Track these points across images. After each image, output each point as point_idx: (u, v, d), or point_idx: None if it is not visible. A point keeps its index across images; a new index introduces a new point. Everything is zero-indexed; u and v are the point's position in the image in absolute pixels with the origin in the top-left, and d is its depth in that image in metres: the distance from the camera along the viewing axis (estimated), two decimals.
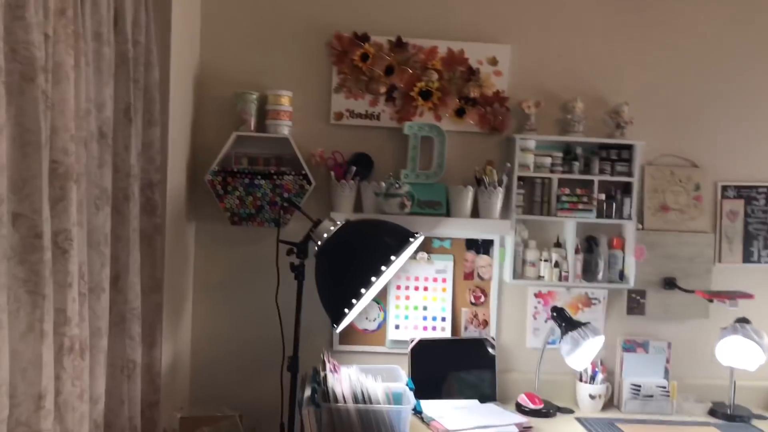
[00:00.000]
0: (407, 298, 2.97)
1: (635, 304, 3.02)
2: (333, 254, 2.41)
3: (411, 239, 2.45)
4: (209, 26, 2.88)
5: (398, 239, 2.43)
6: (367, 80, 2.92)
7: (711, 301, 2.80)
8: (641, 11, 3.02)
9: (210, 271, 2.92)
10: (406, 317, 2.96)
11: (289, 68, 2.92)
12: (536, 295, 3.02)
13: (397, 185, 2.80)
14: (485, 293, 3.00)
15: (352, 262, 2.38)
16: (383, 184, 2.82)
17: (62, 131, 1.60)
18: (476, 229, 2.93)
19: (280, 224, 2.67)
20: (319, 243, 2.44)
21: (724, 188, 3.08)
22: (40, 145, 1.47)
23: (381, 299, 2.94)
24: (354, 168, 2.85)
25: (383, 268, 2.33)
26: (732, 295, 2.75)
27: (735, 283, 3.06)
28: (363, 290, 2.31)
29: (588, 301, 3.03)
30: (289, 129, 2.83)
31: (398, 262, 2.55)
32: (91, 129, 1.82)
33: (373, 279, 2.31)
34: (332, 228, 2.45)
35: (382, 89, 2.92)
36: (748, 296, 2.79)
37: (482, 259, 3.00)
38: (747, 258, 3.08)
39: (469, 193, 2.89)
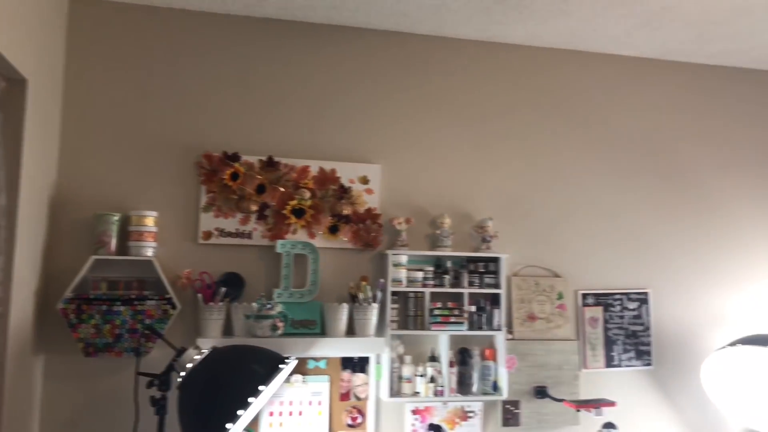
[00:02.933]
0: (281, 424, 2.82)
1: (510, 414, 3.05)
2: (197, 387, 2.26)
3: (282, 365, 2.37)
4: (69, 145, 2.76)
5: (268, 367, 2.34)
6: (238, 199, 2.88)
7: (578, 410, 2.88)
8: (502, 132, 3.24)
9: (60, 409, 2.64)
10: None
11: (154, 188, 2.83)
12: (413, 412, 2.98)
13: (269, 306, 2.72)
14: (363, 414, 2.92)
15: (217, 394, 2.24)
16: (255, 305, 2.73)
17: None
18: (352, 348, 2.88)
19: (141, 354, 2.50)
20: (182, 374, 2.29)
21: (584, 296, 3.25)
22: None
23: (252, 427, 2.78)
24: (224, 289, 2.75)
25: (251, 399, 2.22)
26: (596, 404, 2.85)
27: (601, 387, 3.19)
28: (229, 425, 2.17)
29: (464, 415, 3.03)
30: (154, 250, 2.71)
31: (269, 390, 2.44)
32: None
33: (240, 412, 2.19)
34: (197, 357, 2.33)
35: (254, 207, 2.89)
36: (611, 404, 2.90)
37: (359, 377, 2.94)
38: (609, 363, 3.22)
39: (344, 310, 2.86)
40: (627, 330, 3.27)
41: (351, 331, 2.90)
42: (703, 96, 3.51)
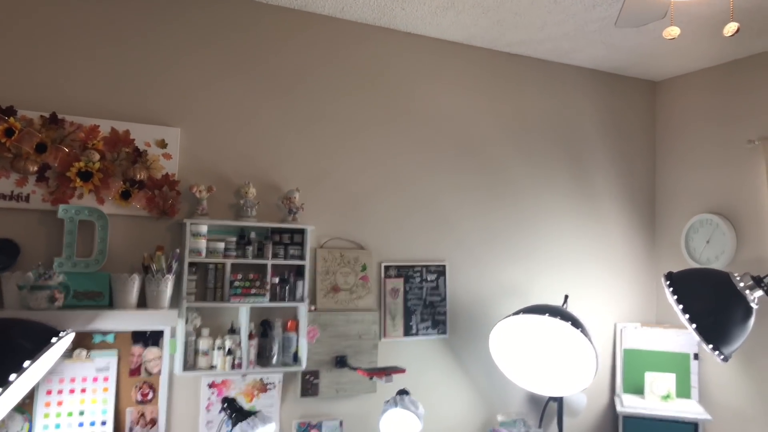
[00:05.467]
0: (60, 403, 2.61)
1: (309, 385, 3.07)
2: None
3: (54, 339, 2.18)
4: None
5: (36, 341, 2.15)
6: (13, 157, 2.60)
7: (371, 378, 2.98)
8: (311, 103, 3.22)
9: None
10: (58, 426, 2.60)
11: None
12: (210, 386, 2.91)
13: (47, 276, 2.49)
14: (154, 389, 2.79)
15: None
16: (30, 275, 2.49)
17: None
18: (142, 321, 2.72)
19: None
20: None
21: (387, 268, 3.35)
22: None
23: (26, 408, 2.55)
24: None
25: (13, 376, 2.02)
26: (388, 371, 2.96)
27: (398, 355, 3.32)
28: None
29: (264, 387, 3.00)
30: None
31: (39, 367, 2.24)
32: None
33: None
34: None
35: (33, 168, 2.62)
36: (401, 371, 3.03)
37: (151, 352, 2.80)
38: (407, 332, 3.36)
39: (135, 281, 2.70)
40: (425, 300, 3.43)
41: (143, 304, 2.75)
42: (502, 82, 3.74)
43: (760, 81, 3.62)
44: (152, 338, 2.80)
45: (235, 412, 2.67)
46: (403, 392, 2.99)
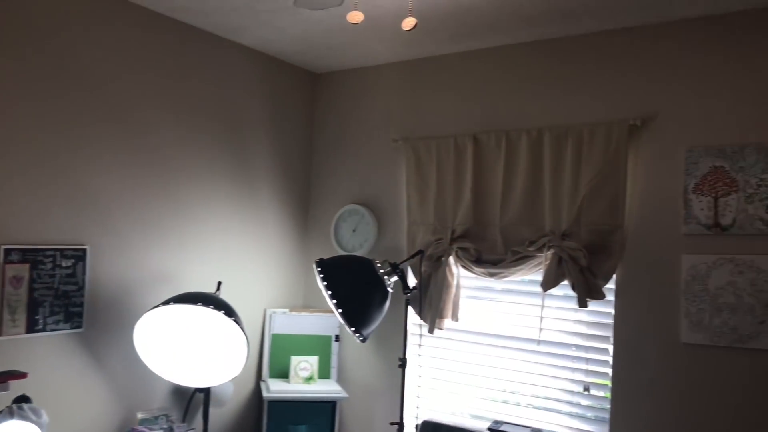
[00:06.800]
0: None
1: None
2: None
3: None
4: None
5: None
6: None
7: None
8: None
9: None
10: None
11: None
12: None
13: None
14: None
15: None
16: None
17: None
18: None
19: None
20: None
21: (8, 252, 2.77)
22: None
23: None
24: None
25: None
26: (2, 378, 2.44)
27: (18, 356, 2.78)
28: None
29: None
30: None
31: None
32: None
33: None
34: None
35: None
36: (20, 376, 2.54)
37: None
38: (32, 327, 2.84)
39: None
40: (58, 290, 2.94)
41: None
42: (165, 51, 3.41)
43: (403, 85, 3.99)
44: None
45: None
46: (22, 399, 2.51)
